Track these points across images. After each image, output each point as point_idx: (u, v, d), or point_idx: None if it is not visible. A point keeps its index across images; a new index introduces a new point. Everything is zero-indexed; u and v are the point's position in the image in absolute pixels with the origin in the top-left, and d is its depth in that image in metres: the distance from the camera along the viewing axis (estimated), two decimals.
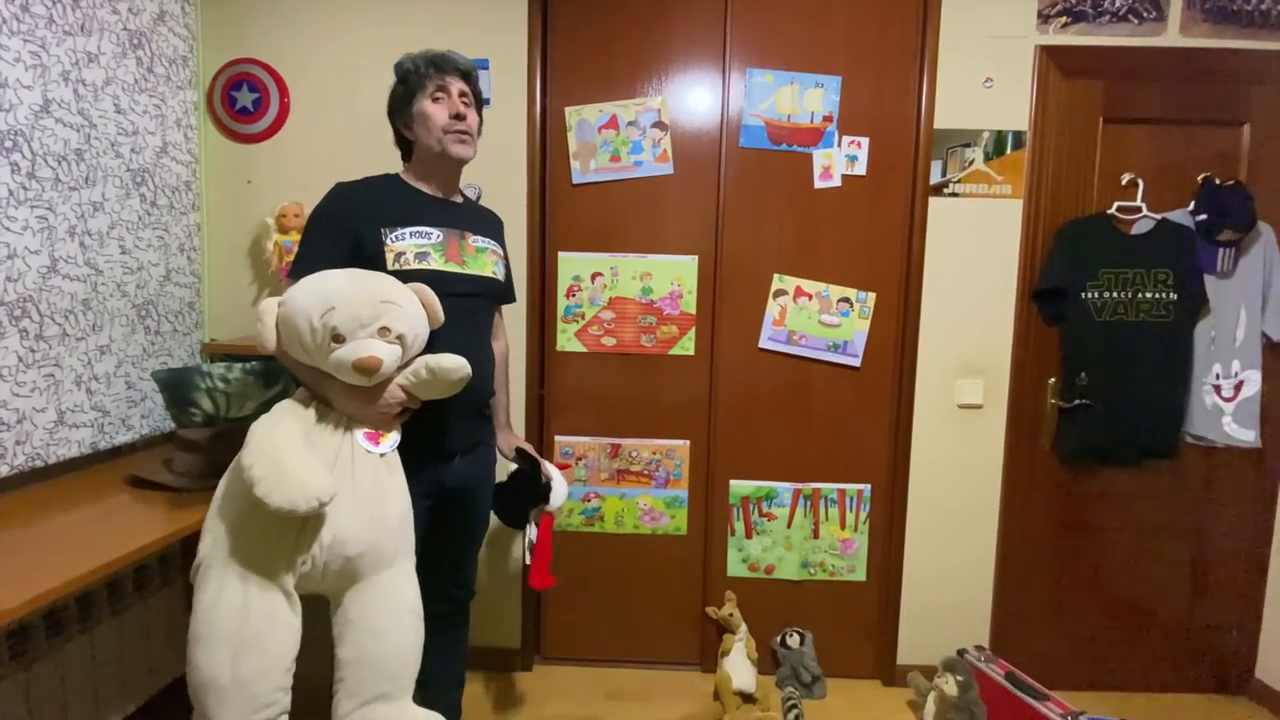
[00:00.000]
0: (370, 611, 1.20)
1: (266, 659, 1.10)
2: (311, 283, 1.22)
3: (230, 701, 1.07)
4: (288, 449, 1.11)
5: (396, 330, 1.21)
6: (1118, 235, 2.01)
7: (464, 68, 1.42)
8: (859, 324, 2.11)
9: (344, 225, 1.34)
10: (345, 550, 1.16)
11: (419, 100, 1.38)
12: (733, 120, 2.09)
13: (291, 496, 1.04)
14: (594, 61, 2.09)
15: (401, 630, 1.23)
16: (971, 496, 2.14)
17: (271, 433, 1.14)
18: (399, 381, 1.27)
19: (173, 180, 1.95)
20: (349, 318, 1.17)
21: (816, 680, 2.11)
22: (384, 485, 1.24)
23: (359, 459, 1.22)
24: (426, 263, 1.36)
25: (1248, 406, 2.00)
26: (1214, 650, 2.16)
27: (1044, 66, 2.01)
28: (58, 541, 1.24)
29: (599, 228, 2.14)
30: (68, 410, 1.62)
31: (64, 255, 1.60)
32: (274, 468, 1.07)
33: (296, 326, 1.18)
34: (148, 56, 1.85)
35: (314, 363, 1.22)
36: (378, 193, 1.40)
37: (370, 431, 1.26)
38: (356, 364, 1.17)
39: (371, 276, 1.26)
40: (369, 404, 1.25)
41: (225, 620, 1.09)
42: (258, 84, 2.07)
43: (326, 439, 1.21)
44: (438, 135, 1.37)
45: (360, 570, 1.20)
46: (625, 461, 2.19)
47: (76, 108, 1.63)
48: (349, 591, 1.21)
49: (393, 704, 1.21)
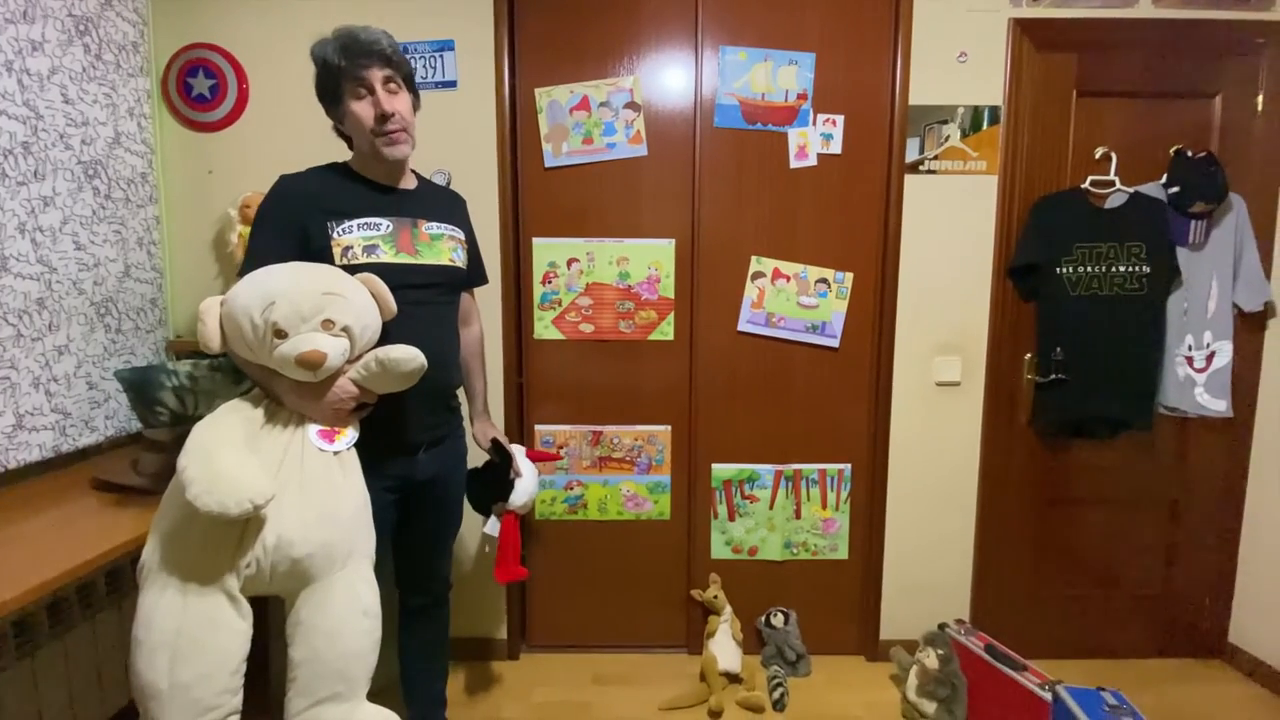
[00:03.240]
0: (322, 613, 1.18)
1: (207, 663, 1.08)
2: (253, 279, 1.19)
3: (169, 706, 1.05)
4: (222, 449, 1.09)
5: (341, 322, 1.18)
6: (1091, 210, 2.01)
7: (380, 49, 1.30)
8: (837, 304, 2.10)
9: (290, 219, 1.30)
10: (291, 552, 1.13)
11: (343, 98, 1.31)
12: (706, 100, 2.05)
13: (223, 499, 1.01)
14: (563, 41, 2.04)
15: (354, 632, 1.21)
16: (950, 473, 2.16)
17: (208, 432, 1.12)
18: (350, 376, 1.24)
19: (127, 172, 1.89)
20: (290, 312, 1.14)
21: (801, 658, 2.13)
22: (336, 484, 1.21)
23: (309, 457, 1.19)
24: (376, 255, 1.31)
25: (1219, 377, 2.02)
26: (1189, 616, 2.21)
27: (1018, 40, 1.99)
28: (21, 548, 1.20)
29: (573, 212, 2.10)
30: (26, 413, 1.57)
31: (14, 253, 1.54)
32: (206, 468, 1.04)
33: (239, 324, 1.16)
34: (95, 43, 1.78)
35: (259, 360, 1.19)
36: (324, 184, 1.34)
37: (324, 429, 1.23)
38: (299, 359, 1.14)
39: (314, 269, 1.23)
40: (318, 400, 1.22)
41: (163, 625, 1.07)
42: (214, 70, 2.00)
43: (274, 438, 1.18)
44: (368, 137, 1.32)
45: (310, 571, 1.17)
46: (607, 448, 2.18)
47: (21, 99, 1.56)
48: (302, 593, 1.18)
49: (344, 704, 1.19)
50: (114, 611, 1.68)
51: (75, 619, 1.54)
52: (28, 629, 1.41)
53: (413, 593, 1.61)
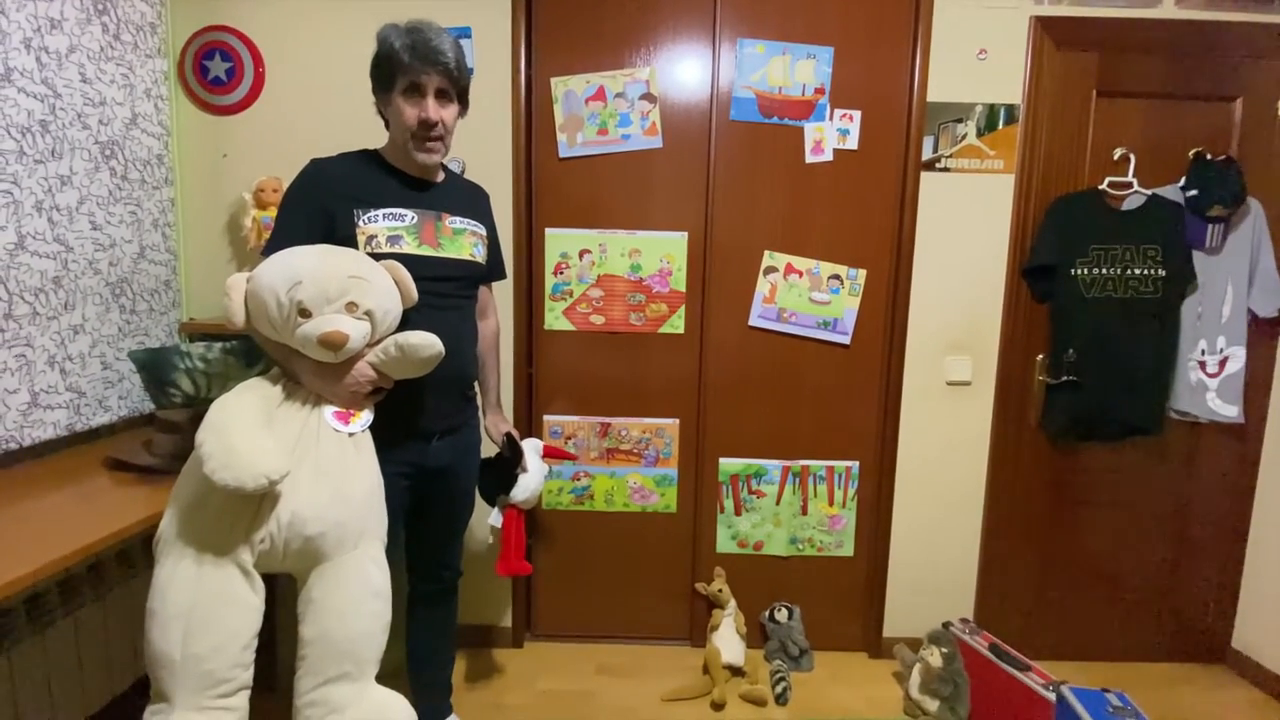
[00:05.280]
0: (333, 593, 1.19)
1: (220, 636, 1.09)
2: (280, 258, 1.20)
3: (182, 677, 1.07)
4: (239, 425, 1.10)
5: (364, 306, 1.20)
6: (1108, 211, 2.00)
7: (445, 62, 1.30)
8: (849, 301, 2.10)
9: (318, 203, 1.31)
10: (305, 529, 1.15)
11: (393, 90, 1.32)
12: (723, 92, 2.04)
13: (239, 474, 1.03)
14: (580, 30, 2.03)
15: (364, 613, 1.22)
16: (958, 473, 2.16)
17: (226, 409, 1.13)
18: (369, 359, 1.25)
19: (144, 153, 1.89)
20: (315, 293, 1.16)
21: (804, 653, 2.14)
22: (350, 465, 1.22)
23: (324, 437, 1.20)
24: (399, 246, 1.33)
25: (1232, 383, 2.01)
26: (1193, 621, 2.21)
27: (1038, 38, 1.98)
28: (35, 525, 1.21)
29: (587, 203, 2.10)
30: (41, 391, 1.58)
31: (32, 231, 1.55)
32: (222, 444, 1.06)
33: (264, 301, 1.17)
34: (113, 23, 1.77)
35: (281, 339, 1.20)
36: (353, 171, 1.36)
37: (340, 411, 1.24)
38: (322, 339, 1.16)
39: (341, 252, 1.24)
40: (337, 381, 1.23)
41: (177, 597, 1.08)
42: (231, 53, 2.00)
43: (291, 416, 1.19)
44: (404, 135, 1.34)
45: (323, 550, 1.18)
46: (615, 440, 2.18)
47: (40, 77, 1.56)
48: (314, 571, 1.19)
49: (353, 684, 1.20)
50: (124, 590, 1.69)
51: (86, 597, 1.55)
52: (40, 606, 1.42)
53: (423, 580, 1.61)
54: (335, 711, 1.17)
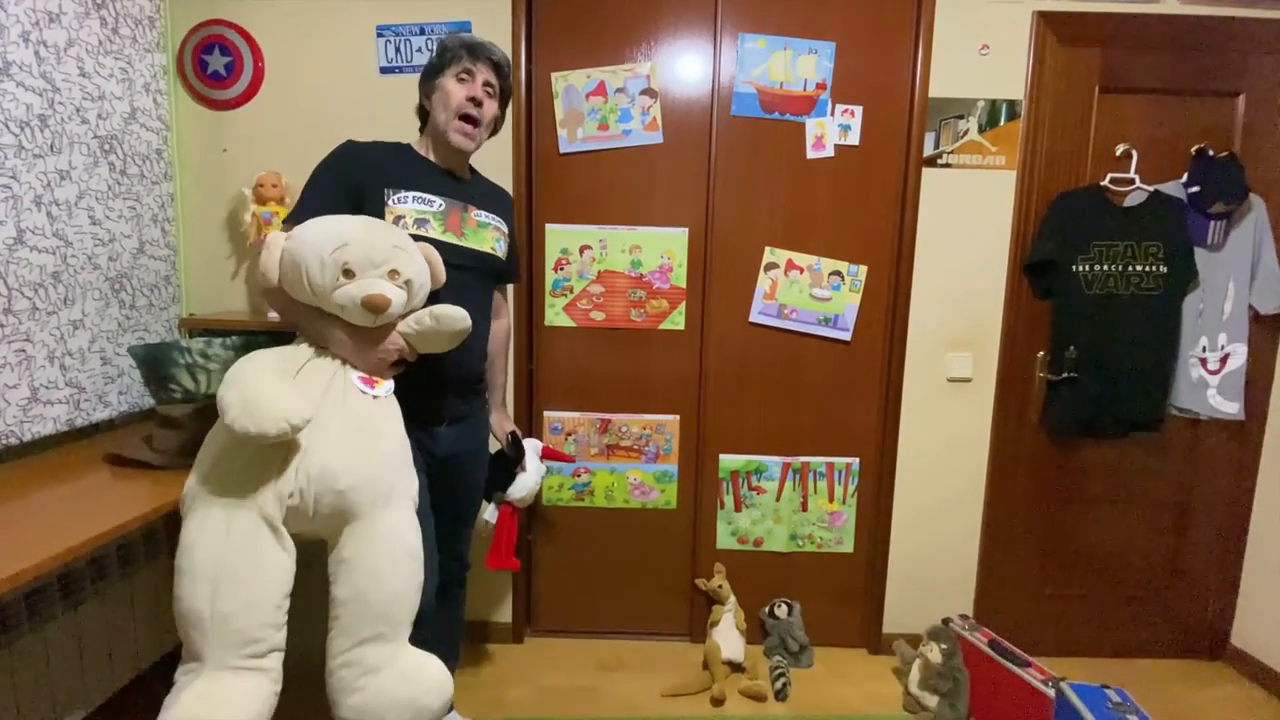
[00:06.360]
0: (366, 552, 1.17)
1: (250, 593, 1.07)
2: (322, 222, 1.22)
3: (212, 635, 1.05)
4: (258, 377, 1.10)
5: (405, 275, 1.22)
6: (1110, 207, 1.99)
7: (497, 59, 1.44)
8: (850, 297, 2.09)
9: (349, 178, 1.35)
10: (335, 483, 1.14)
11: (444, 75, 1.40)
12: (724, 87, 2.03)
13: (260, 420, 1.02)
14: (581, 25, 2.02)
15: (399, 572, 1.21)
16: (959, 469, 2.16)
17: (246, 364, 1.13)
18: (401, 329, 1.27)
19: (143, 148, 1.88)
20: (361, 255, 1.18)
21: (804, 649, 2.14)
22: (377, 424, 1.23)
23: (351, 395, 1.21)
24: (425, 229, 1.36)
25: (1233, 379, 2.01)
26: (1193, 617, 2.21)
27: (1041, 33, 1.97)
28: (35, 521, 1.20)
29: (587, 199, 2.09)
30: (41, 387, 1.58)
31: (31, 226, 1.54)
32: (242, 393, 1.06)
33: (305, 260, 1.17)
34: (112, 16, 1.76)
35: (317, 301, 1.21)
36: (387, 155, 1.41)
37: (364, 376, 1.25)
38: (365, 300, 1.17)
39: (382, 224, 1.28)
40: (369, 346, 1.24)
41: (206, 553, 1.07)
42: (230, 47, 1.99)
43: (316, 376, 1.20)
44: (448, 115, 1.38)
45: (354, 507, 1.17)
46: (615, 436, 2.18)
47: (39, 70, 1.55)
48: (345, 530, 1.18)
49: (388, 645, 1.19)
50: (125, 585, 1.69)
51: (87, 592, 1.56)
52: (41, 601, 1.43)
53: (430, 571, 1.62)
54: (370, 672, 1.17)
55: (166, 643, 1.81)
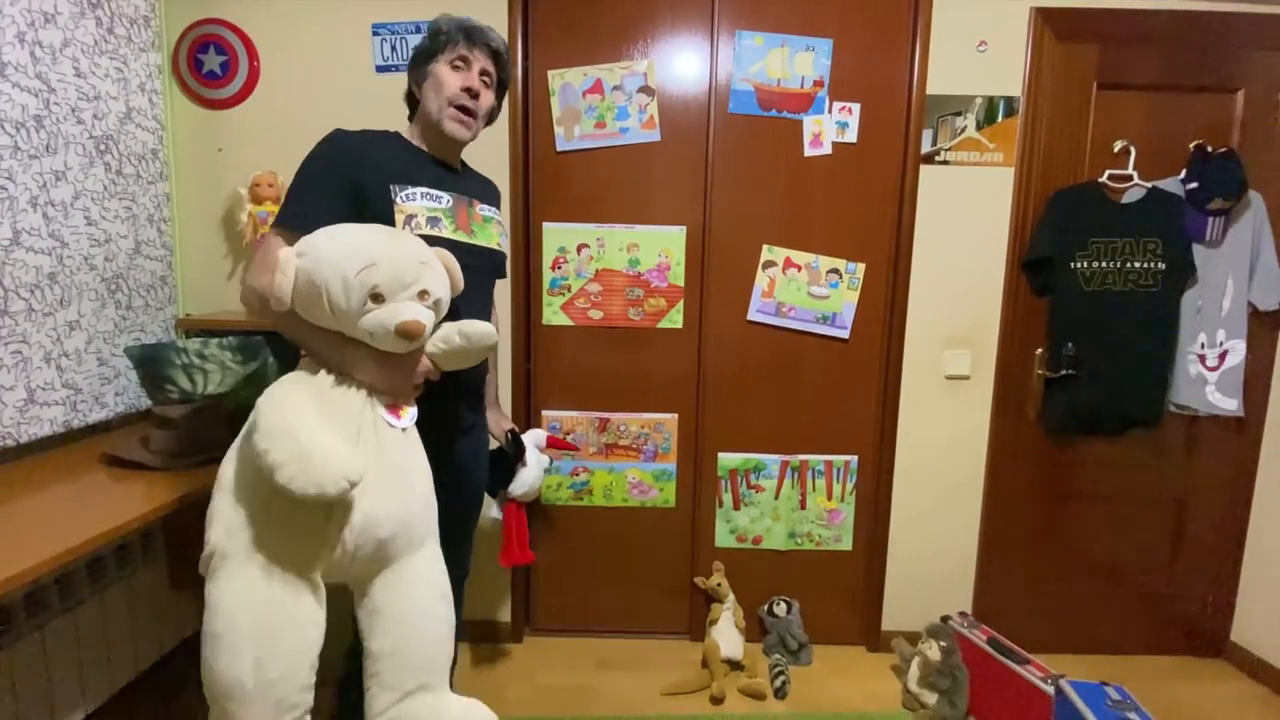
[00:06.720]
0: (400, 599, 1.11)
1: (293, 659, 1.01)
2: (337, 234, 1.09)
3: (254, 705, 0.98)
4: (306, 426, 0.99)
5: (435, 294, 1.11)
6: (1108, 204, 1.99)
7: (495, 46, 1.34)
8: (848, 295, 2.09)
9: (346, 174, 1.22)
10: (378, 532, 1.06)
11: (437, 61, 1.30)
12: (721, 85, 2.03)
13: (319, 480, 0.93)
14: (577, 22, 2.02)
15: (435, 616, 1.16)
16: (957, 467, 2.16)
17: (284, 411, 1.01)
18: (427, 349, 1.18)
19: (138, 148, 1.88)
20: (391, 276, 1.05)
21: (803, 647, 2.14)
22: (409, 460, 1.15)
23: (383, 432, 1.11)
24: (438, 229, 1.25)
25: (1231, 376, 2.01)
26: (1192, 614, 2.21)
27: (1039, 30, 1.97)
28: (33, 522, 1.20)
29: (584, 197, 2.09)
30: (38, 388, 1.58)
31: (26, 227, 1.54)
32: (294, 449, 0.95)
33: (324, 281, 1.04)
34: (107, 16, 1.76)
35: (338, 325, 1.08)
36: (383, 146, 1.29)
37: (391, 404, 1.15)
38: (401, 328, 1.05)
39: (403, 236, 1.15)
40: (400, 373, 1.14)
41: (249, 619, 0.99)
42: (225, 46, 1.98)
43: (346, 411, 1.08)
44: (440, 104, 1.28)
45: (391, 554, 1.11)
46: (613, 435, 2.18)
47: (34, 71, 1.55)
48: (377, 579, 1.12)
49: (433, 694, 1.13)
50: (123, 587, 1.69)
51: (85, 594, 1.55)
52: (38, 602, 1.42)
53: None
54: None
55: (165, 644, 1.81)
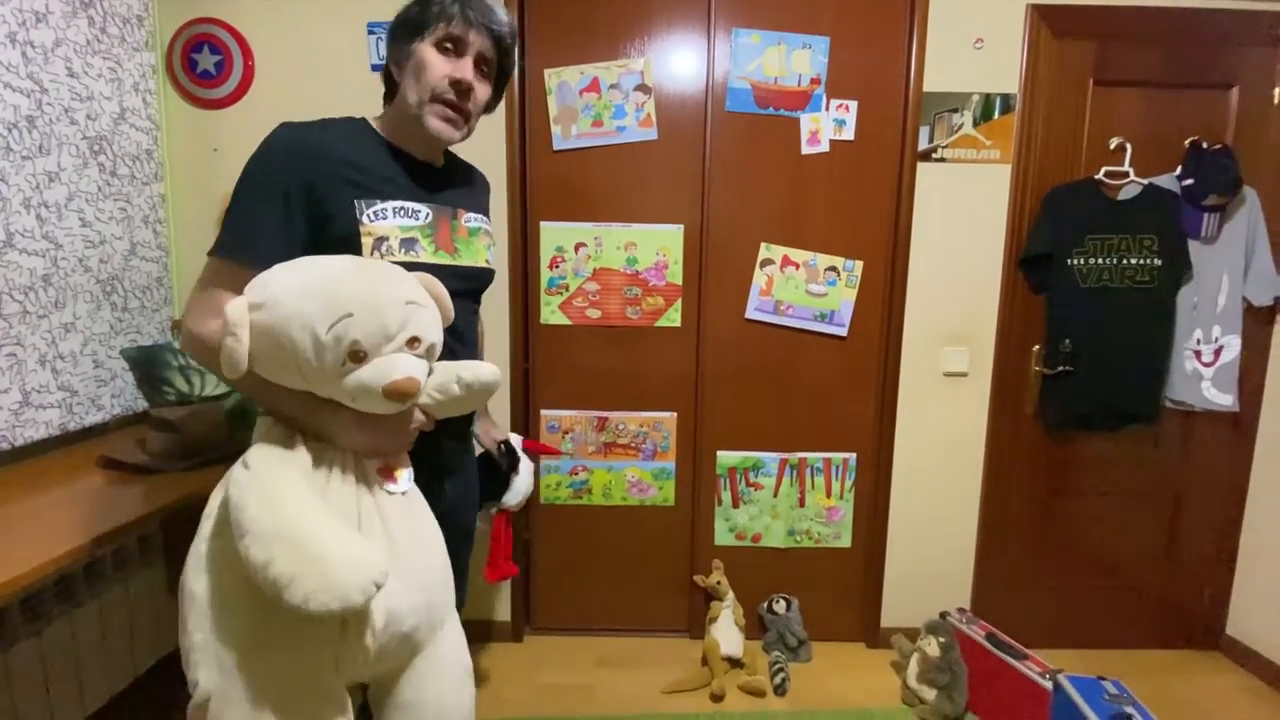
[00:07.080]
0: (425, 688, 1.00)
1: None
2: (303, 276, 0.87)
3: None
4: (312, 526, 0.80)
5: (426, 340, 0.92)
6: (1104, 201, 2.00)
7: (498, 28, 1.08)
8: (846, 293, 2.09)
9: (298, 188, 0.98)
10: (402, 627, 0.92)
11: (423, 39, 1.04)
12: (718, 83, 2.02)
13: (344, 593, 0.77)
14: (574, 21, 2.01)
15: (463, 698, 1.06)
16: (955, 463, 2.16)
17: (278, 507, 0.81)
18: (421, 401, 0.98)
19: (133, 148, 1.86)
20: (373, 328, 0.85)
21: (802, 644, 2.15)
22: (419, 531, 0.99)
23: (384, 505, 0.95)
24: (414, 252, 1.03)
25: (1227, 371, 2.02)
26: (1188, 608, 2.22)
27: (1035, 27, 1.97)
28: (30, 525, 1.20)
29: (582, 196, 2.08)
30: (33, 390, 1.57)
31: (20, 229, 1.53)
32: (303, 558, 0.77)
33: (291, 340, 0.83)
34: (100, 16, 1.75)
35: (310, 387, 0.89)
36: (345, 144, 1.04)
37: (382, 467, 0.98)
38: (390, 390, 0.86)
39: (379, 267, 0.93)
40: (391, 435, 0.96)
41: None
42: (219, 46, 1.97)
43: (341, 488, 0.91)
44: (422, 96, 1.04)
45: (416, 644, 0.98)
46: (612, 434, 2.18)
47: (26, 71, 1.54)
48: (400, 676, 0.99)
49: None
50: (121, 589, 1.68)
51: (82, 597, 1.54)
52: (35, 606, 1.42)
53: None
54: None
55: (163, 648, 1.80)
